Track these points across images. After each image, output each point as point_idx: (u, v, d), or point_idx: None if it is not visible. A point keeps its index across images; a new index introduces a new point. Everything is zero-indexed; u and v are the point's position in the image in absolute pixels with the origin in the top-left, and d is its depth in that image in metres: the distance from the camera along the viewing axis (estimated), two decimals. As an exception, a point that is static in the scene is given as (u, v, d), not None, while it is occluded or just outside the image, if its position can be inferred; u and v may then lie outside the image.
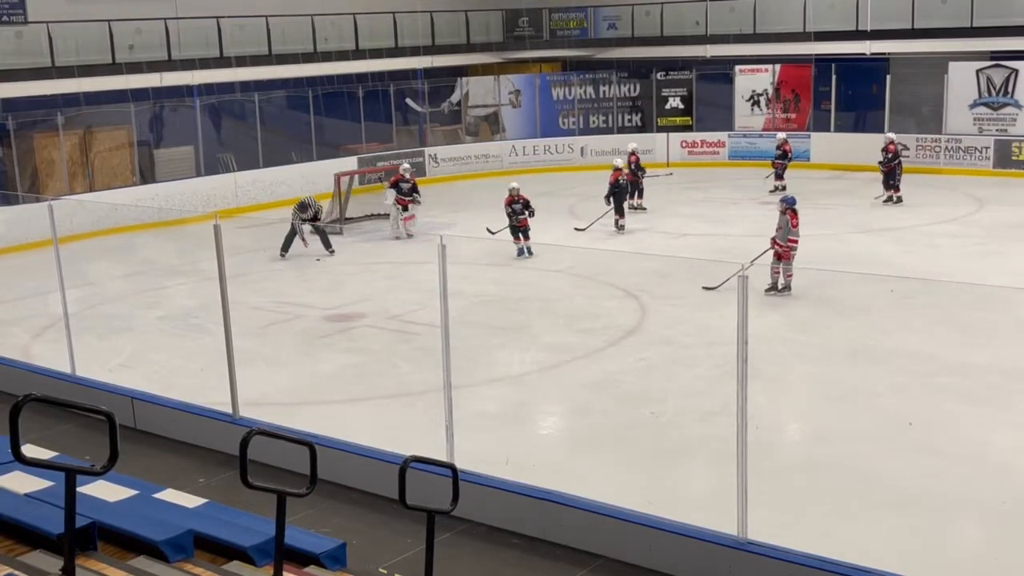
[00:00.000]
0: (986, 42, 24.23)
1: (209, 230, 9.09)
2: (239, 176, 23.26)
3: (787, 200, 14.58)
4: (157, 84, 22.63)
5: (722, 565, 6.76)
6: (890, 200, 21.13)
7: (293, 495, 4.91)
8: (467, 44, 28.81)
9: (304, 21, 25.14)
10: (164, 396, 10.20)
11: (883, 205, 21.04)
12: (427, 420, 9.15)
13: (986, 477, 8.44)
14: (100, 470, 4.09)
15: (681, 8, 28.31)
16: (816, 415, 10.18)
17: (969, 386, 10.59)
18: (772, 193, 21.72)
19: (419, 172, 25.43)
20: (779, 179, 22.76)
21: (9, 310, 14.94)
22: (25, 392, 4.07)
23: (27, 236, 18.14)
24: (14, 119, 20.49)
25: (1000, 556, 7.24)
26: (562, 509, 7.47)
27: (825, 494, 8.26)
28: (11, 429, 3.82)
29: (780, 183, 22.60)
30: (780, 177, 22.81)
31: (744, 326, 6.58)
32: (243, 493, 4.92)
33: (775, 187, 22.41)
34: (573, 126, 28.76)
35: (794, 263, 14.08)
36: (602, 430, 9.89)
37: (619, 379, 11.26)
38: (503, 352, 12.45)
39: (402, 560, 7.14)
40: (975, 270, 14.78)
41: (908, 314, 13.20)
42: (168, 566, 5.22)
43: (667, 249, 16.86)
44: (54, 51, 20.99)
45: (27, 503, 5.55)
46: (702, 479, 8.56)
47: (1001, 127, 24.30)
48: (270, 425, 8.06)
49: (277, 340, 13.25)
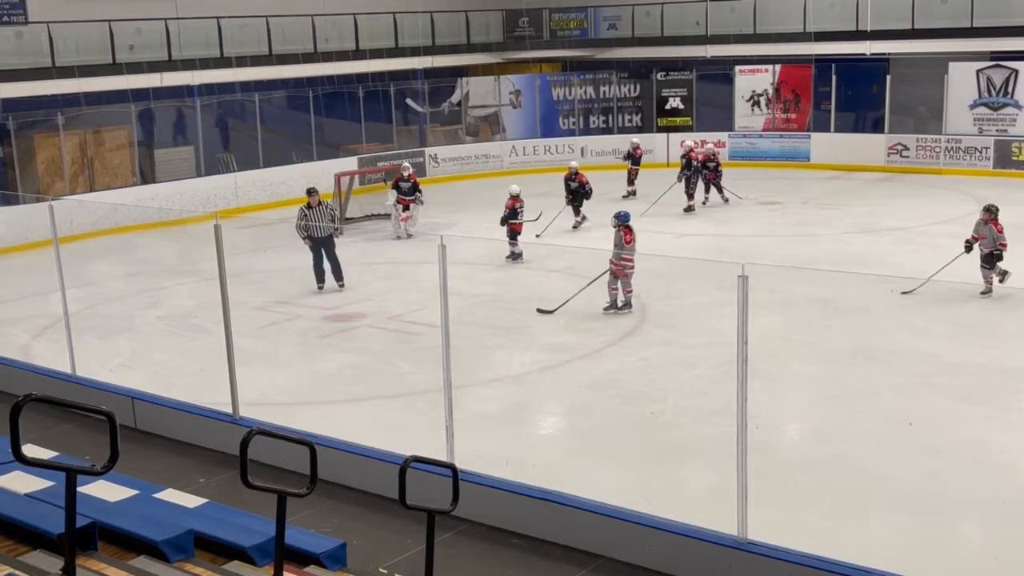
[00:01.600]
0: (986, 42, 24.23)
1: (209, 230, 9.09)
2: (239, 176, 23.27)
3: (620, 216, 14.08)
4: (157, 84, 22.64)
5: (722, 565, 6.77)
6: (691, 209, 20.90)
7: (293, 495, 4.92)
8: (467, 44, 28.81)
9: (304, 21, 25.14)
10: (164, 396, 10.20)
11: (684, 214, 20.72)
12: (427, 420, 9.15)
13: (986, 477, 8.45)
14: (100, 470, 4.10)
15: (681, 8, 28.31)
16: (816, 415, 10.18)
17: (969, 386, 10.60)
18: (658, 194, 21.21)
19: (419, 172, 25.41)
20: (631, 184, 22.76)
21: (9, 310, 14.94)
22: (25, 392, 4.07)
23: (27, 236, 18.16)
24: (14, 119, 20.49)
25: (1000, 556, 7.24)
26: (562, 509, 7.48)
27: (825, 494, 8.26)
28: (11, 429, 3.83)
29: (631, 188, 22.65)
30: (631, 183, 22.80)
31: (744, 326, 6.58)
32: (243, 493, 4.92)
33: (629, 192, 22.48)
34: (573, 126, 28.76)
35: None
36: (602, 430, 9.89)
37: (619, 379, 11.26)
38: (503, 352, 12.45)
39: (402, 560, 7.14)
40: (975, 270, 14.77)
41: (908, 314, 13.20)
42: (168, 566, 5.23)
43: (667, 249, 16.86)
44: (54, 51, 21.00)
45: (27, 503, 5.55)
46: (702, 479, 8.57)
47: (1001, 127, 24.30)
48: (270, 425, 8.06)
49: (277, 340, 13.25)
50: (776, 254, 16.81)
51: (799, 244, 17.60)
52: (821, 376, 11.12)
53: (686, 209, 20.85)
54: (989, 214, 13.96)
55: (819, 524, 7.65)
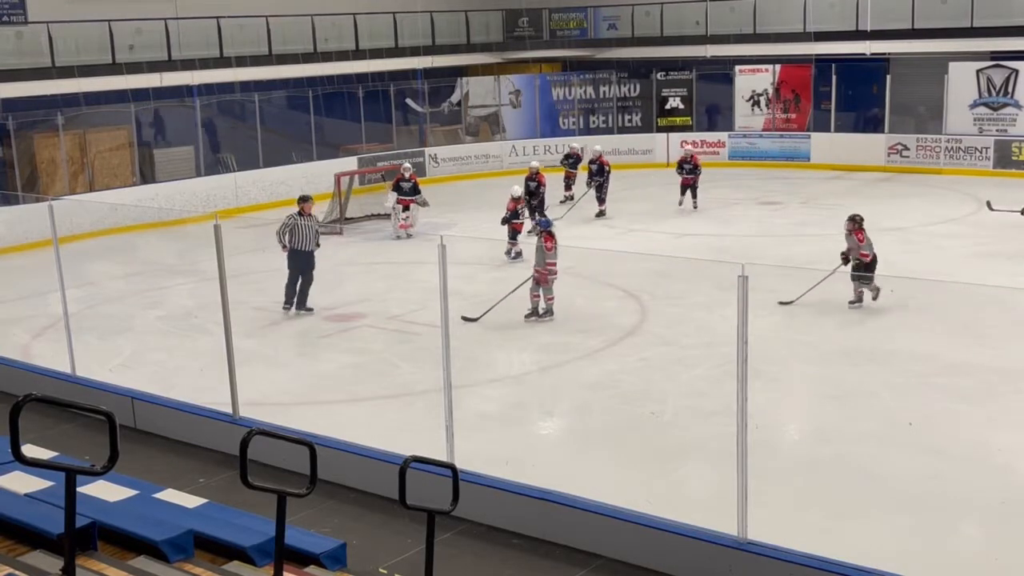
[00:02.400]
0: (986, 42, 24.24)
1: (209, 230, 9.09)
2: (239, 176, 23.26)
3: (542, 223, 14.08)
4: (157, 84, 22.63)
5: (722, 565, 6.77)
6: (603, 214, 20.55)
7: (293, 495, 4.92)
8: (467, 44, 28.81)
9: (304, 21, 25.14)
10: (164, 396, 10.20)
11: (596, 219, 20.41)
12: (427, 420, 9.15)
13: (986, 477, 8.45)
14: (100, 470, 4.09)
15: (681, 8, 28.31)
16: (816, 415, 10.18)
17: (969, 386, 10.60)
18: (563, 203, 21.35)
19: (419, 172, 25.41)
20: (568, 189, 22.24)
21: (9, 310, 14.93)
22: (25, 392, 4.07)
23: (27, 236, 18.15)
24: (14, 119, 20.49)
25: (1000, 556, 7.24)
26: (562, 509, 7.48)
27: (825, 494, 8.26)
28: (11, 429, 3.83)
29: (569, 193, 22.12)
30: (569, 187, 22.28)
31: (744, 326, 6.58)
32: (243, 493, 4.92)
33: (566, 197, 21.94)
34: (573, 126, 28.75)
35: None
36: (602, 430, 9.89)
37: (619, 379, 11.26)
38: (503, 352, 12.45)
39: (402, 560, 7.14)
40: (975, 270, 14.77)
41: (908, 314, 13.20)
42: (168, 566, 5.23)
43: (667, 249, 16.86)
44: (54, 51, 21.00)
45: (27, 503, 5.55)
46: (702, 479, 8.56)
47: (1001, 127, 24.30)
48: (270, 425, 8.06)
49: (277, 340, 13.25)
50: (776, 254, 16.81)
51: (799, 244, 17.60)
52: (821, 376, 11.12)
53: (597, 215, 20.52)
54: (853, 223, 13.54)
55: (819, 524, 7.64)
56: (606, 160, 21.09)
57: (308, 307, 14.13)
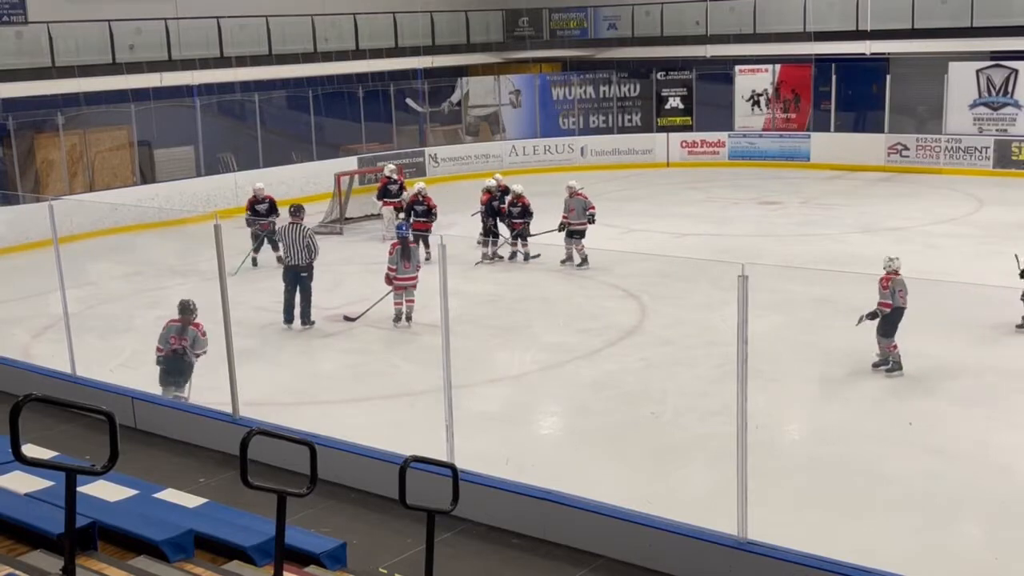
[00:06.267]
0: (986, 42, 24.23)
1: (209, 230, 9.08)
2: (239, 176, 23.24)
3: (399, 228, 13.98)
4: (157, 84, 22.63)
5: (722, 565, 6.76)
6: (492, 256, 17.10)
7: (293, 495, 4.91)
8: (467, 44, 28.80)
9: (304, 21, 25.14)
10: (164, 396, 10.19)
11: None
12: (427, 420, 9.14)
13: (986, 477, 8.45)
14: (100, 470, 4.09)
15: (681, 8, 28.30)
16: (816, 415, 10.18)
17: (969, 386, 10.60)
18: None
19: (419, 172, 25.46)
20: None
21: (9, 310, 14.93)
22: (25, 392, 4.07)
23: (27, 236, 18.13)
24: (14, 119, 20.49)
25: (1000, 556, 7.24)
26: (562, 509, 7.47)
27: (825, 494, 8.26)
28: (11, 429, 3.82)
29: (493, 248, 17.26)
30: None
31: (744, 326, 6.58)
32: (243, 493, 4.92)
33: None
34: (573, 126, 28.75)
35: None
36: (602, 430, 9.89)
37: (619, 379, 11.27)
38: (503, 352, 12.45)
39: (402, 560, 7.13)
40: (975, 270, 14.76)
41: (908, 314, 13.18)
42: (168, 566, 5.22)
43: (667, 249, 16.86)
44: (54, 51, 21.00)
45: (27, 503, 5.55)
46: (702, 479, 8.56)
47: (1001, 127, 24.30)
48: (270, 425, 8.05)
49: (277, 340, 13.25)
50: (776, 254, 16.81)
51: (799, 244, 17.60)
52: (821, 376, 11.11)
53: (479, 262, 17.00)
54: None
55: (819, 524, 7.65)
56: (527, 200, 17.13)
57: (311, 321, 13.65)
